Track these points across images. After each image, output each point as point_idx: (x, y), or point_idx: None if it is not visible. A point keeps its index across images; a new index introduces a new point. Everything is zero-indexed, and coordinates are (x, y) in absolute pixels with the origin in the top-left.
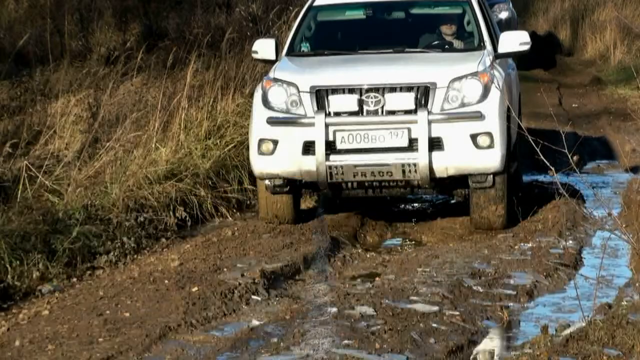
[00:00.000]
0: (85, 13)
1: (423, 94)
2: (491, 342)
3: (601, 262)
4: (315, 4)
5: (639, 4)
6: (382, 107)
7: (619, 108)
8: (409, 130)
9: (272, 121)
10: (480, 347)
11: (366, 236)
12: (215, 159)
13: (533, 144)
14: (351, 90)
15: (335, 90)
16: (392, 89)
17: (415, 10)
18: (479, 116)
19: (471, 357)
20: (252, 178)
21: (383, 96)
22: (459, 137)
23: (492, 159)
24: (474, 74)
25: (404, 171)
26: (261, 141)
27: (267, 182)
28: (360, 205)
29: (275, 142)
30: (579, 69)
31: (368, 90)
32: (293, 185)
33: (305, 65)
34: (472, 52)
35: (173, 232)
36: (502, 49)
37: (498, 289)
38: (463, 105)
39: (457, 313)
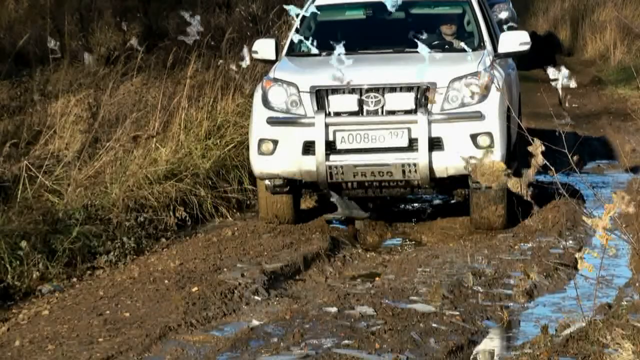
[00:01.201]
0: (85, 13)
1: (423, 94)
2: (491, 342)
3: (601, 262)
4: (315, 4)
5: (639, 4)
6: (382, 107)
7: (619, 108)
8: (409, 130)
9: (272, 121)
10: (480, 347)
11: (366, 236)
12: (215, 159)
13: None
14: (351, 90)
15: (335, 90)
16: (392, 89)
17: (415, 10)
18: (479, 116)
19: (471, 357)
20: (252, 178)
21: (383, 96)
22: (459, 137)
23: (492, 159)
24: (474, 74)
25: (404, 171)
26: (261, 141)
27: (267, 182)
28: (360, 205)
29: (275, 142)
30: (579, 69)
31: (368, 90)
32: (293, 185)
33: (305, 65)
34: (472, 52)
35: (173, 232)
36: (502, 49)
37: (498, 289)
38: (463, 105)
39: (457, 313)
